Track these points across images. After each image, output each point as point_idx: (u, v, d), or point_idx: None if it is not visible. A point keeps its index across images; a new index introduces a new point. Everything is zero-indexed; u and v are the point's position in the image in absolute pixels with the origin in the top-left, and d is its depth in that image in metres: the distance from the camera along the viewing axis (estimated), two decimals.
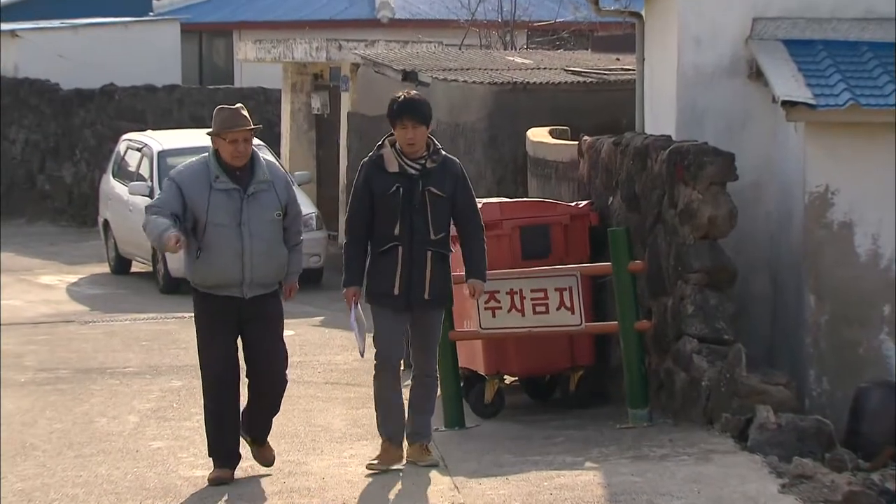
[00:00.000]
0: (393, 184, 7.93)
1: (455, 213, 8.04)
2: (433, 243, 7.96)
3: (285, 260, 7.98)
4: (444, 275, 8.05)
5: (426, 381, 8.20)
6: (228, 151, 7.86)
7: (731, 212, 9.36)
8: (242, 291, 7.86)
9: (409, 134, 7.92)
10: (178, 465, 8.56)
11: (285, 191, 8.00)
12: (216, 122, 7.97)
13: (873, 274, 9.64)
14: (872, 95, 9.55)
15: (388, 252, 7.95)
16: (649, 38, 11.96)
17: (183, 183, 7.87)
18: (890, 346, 9.63)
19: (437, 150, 8.04)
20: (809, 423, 8.41)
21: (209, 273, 7.85)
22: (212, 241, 7.81)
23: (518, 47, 23.82)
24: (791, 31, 10.35)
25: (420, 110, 7.95)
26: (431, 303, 8.02)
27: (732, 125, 10.33)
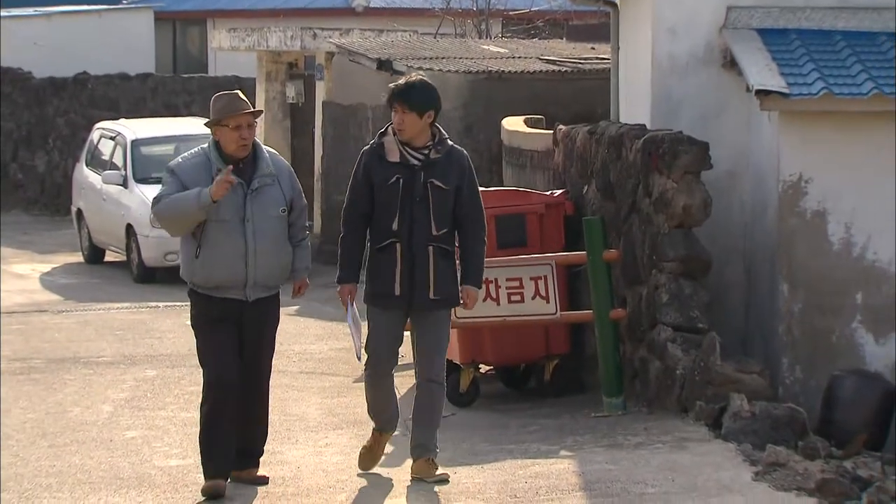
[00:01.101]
0: (393, 174, 7.41)
1: (456, 207, 7.47)
2: (435, 239, 7.41)
3: (290, 259, 7.43)
4: (450, 272, 7.49)
5: (432, 389, 7.55)
6: (232, 139, 7.28)
7: (706, 201, 9.39)
8: (245, 294, 7.32)
9: (398, 119, 7.41)
10: (152, 454, 8.54)
11: (290, 185, 7.44)
12: (215, 109, 7.37)
13: (846, 262, 9.67)
14: (846, 84, 9.58)
15: (386, 249, 7.44)
16: (624, 27, 11.97)
17: (184, 175, 7.31)
18: (863, 335, 9.67)
19: (442, 139, 7.50)
20: (783, 412, 8.45)
21: (210, 274, 7.28)
22: (213, 238, 7.24)
23: (493, 36, 23.82)
24: (765, 20, 10.37)
25: (412, 96, 7.39)
26: (438, 303, 7.45)
27: (707, 114, 10.35)
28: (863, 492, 7.29)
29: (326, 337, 12.98)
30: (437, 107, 7.48)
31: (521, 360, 10.58)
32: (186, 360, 11.76)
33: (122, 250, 17.55)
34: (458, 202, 7.46)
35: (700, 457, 7.78)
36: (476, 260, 7.52)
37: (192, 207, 7.17)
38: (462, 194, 7.46)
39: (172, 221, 7.34)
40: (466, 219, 7.49)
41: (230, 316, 7.33)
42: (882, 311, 9.65)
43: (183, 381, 10.85)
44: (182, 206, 7.20)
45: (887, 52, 10.06)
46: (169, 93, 24.87)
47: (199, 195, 7.14)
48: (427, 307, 7.45)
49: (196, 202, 7.15)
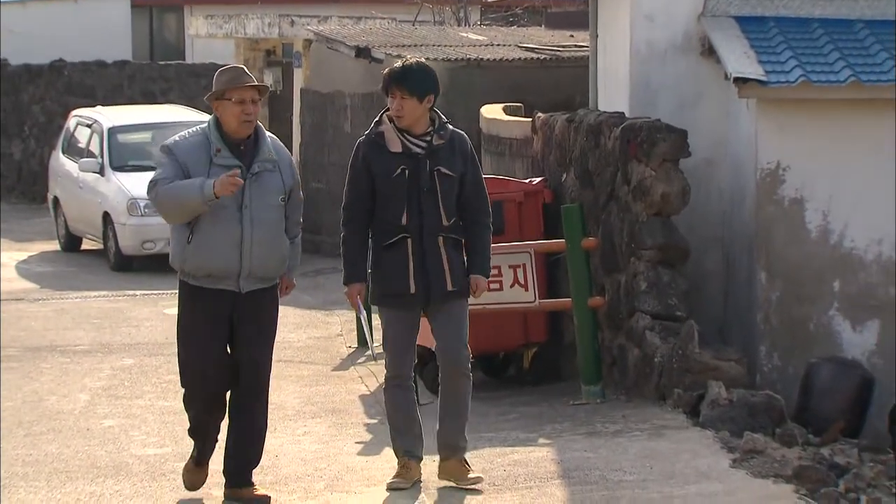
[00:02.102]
0: (397, 166, 6.90)
1: (461, 194, 7.00)
2: (445, 229, 6.96)
3: (287, 252, 6.89)
4: (461, 261, 7.05)
5: (458, 381, 7.03)
6: (235, 115, 6.72)
7: (684, 189, 9.41)
8: (239, 285, 6.76)
9: (396, 104, 6.91)
10: (129, 443, 8.53)
11: (290, 173, 6.90)
12: (219, 82, 6.80)
13: (824, 250, 9.71)
14: (823, 72, 9.61)
15: (395, 246, 6.92)
16: (603, 14, 11.98)
17: (182, 155, 6.76)
18: (840, 322, 9.71)
19: (443, 124, 7.01)
20: (760, 399, 8.48)
21: (203, 261, 6.73)
22: (207, 224, 6.70)
23: (471, 24, 23.80)
24: (743, 8, 10.39)
25: (410, 80, 6.90)
26: (454, 294, 6.98)
27: (685, 102, 10.37)
28: (839, 479, 7.33)
29: (304, 325, 12.97)
30: (436, 90, 7.01)
31: (499, 349, 10.60)
32: (164, 348, 11.74)
33: (98, 238, 17.50)
34: (462, 188, 7.01)
35: (678, 444, 7.80)
36: (483, 247, 7.09)
37: (193, 200, 6.63)
38: (466, 180, 7.02)
39: (171, 211, 6.78)
40: (471, 205, 7.06)
41: (222, 311, 6.79)
42: (859, 299, 9.70)
43: (160, 370, 10.84)
44: (183, 196, 6.66)
45: (864, 39, 10.09)
46: (146, 80, 24.79)
47: (202, 188, 6.60)
48: (444, 299, 6.98)
49: (199, 195, 6.60)
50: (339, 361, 11.51)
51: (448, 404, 7.06)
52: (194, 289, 6.82)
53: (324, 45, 18.31)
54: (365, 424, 9.03)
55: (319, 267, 15.96)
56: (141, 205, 16.37)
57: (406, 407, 7.06)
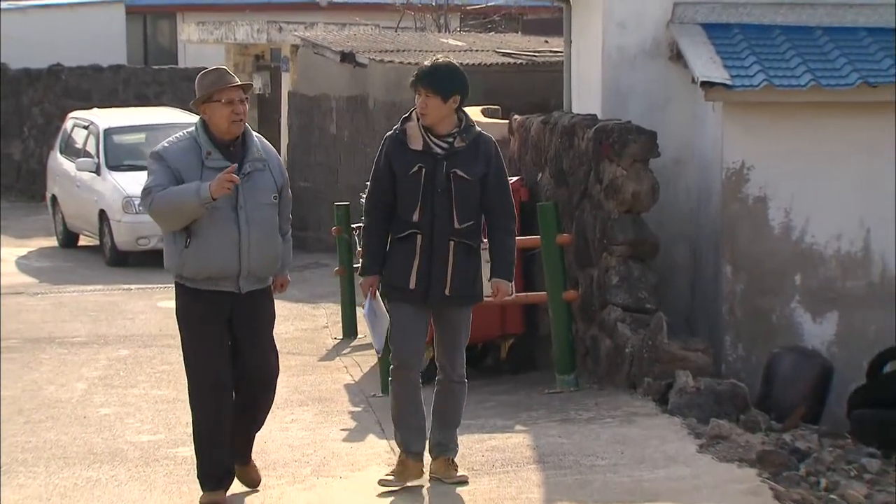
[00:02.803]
0: (415, 163, 6.64)
1: (483, 198, 6.69)
2: (457, 233, 6.65)
3: (281, 250, 6.67)
4: (471, 269, 6.74)
5: (452, 387, 6.88)
6: (225, 116, 6.44)
7: (654, 187, 9.42)
8: (238, 285, 6.51)
9: (421, 102, 6.64)
10: (124, 430, 8.50)
11: (280, 171, 6.68)
12: (204, 84, 6.52)
13: (786, 246, 9.73)
14: (785, 76, 9.63)
15: (406, 240, 6.68)
16: (576, 21, 11.98)
17: (171, 160, 6.47)
18: (801, 314, 9.73)
19: (468, 126, 6.72)
20: (726, 387, 8.49)
21: (203, 264, 6.45)
22: (204, 227, 6.42)
23: (451, 30, 23.78)
24: (709, 16, 10.41)
25: (436, 80, 6.63)
26: (453, 300, 6.72)
27: (654, 105, 10.38)
28: (801, 463, 7.34)
29: (292, 318, 12.95)
30: (463, 92, 6.69)
31: (478, 340, 10.57)
32: (157, 340, 11.72)
33: (95, 235, 17.44)
34: (484, 192, 6.68)
35: (648, 430, 7.81)
36: (505, 252, 6.76)
37: (190, 204, 6.35)
38: (488, 184, 6.68)
39: (168, 217, 6.47)
40: (493, 209, 6.72)
41: (221, 312, 6.52)
42: (819, 292, 9.72)
43: (154, 361, 10.81)
44: (179, 202, 6.36)
45: (823, 45, 10.12)
46: (140, 84, 24.73)
47: (198, 191, 6.32)
48: (443, 303, 6.73)
49: (196, 199, 6.32)
50: (324, 352, 11.50)
51: (442, 408, 6.87)
52: (193, 291, 6.53)
53: (310, 51, 18.27)
54: (349, 412, 9.02)
55: (306, 262, 15.94)
56: (135, 203, 16.32)
57: (408, 400, 6.80)
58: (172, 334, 11.96)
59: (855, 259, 9.72)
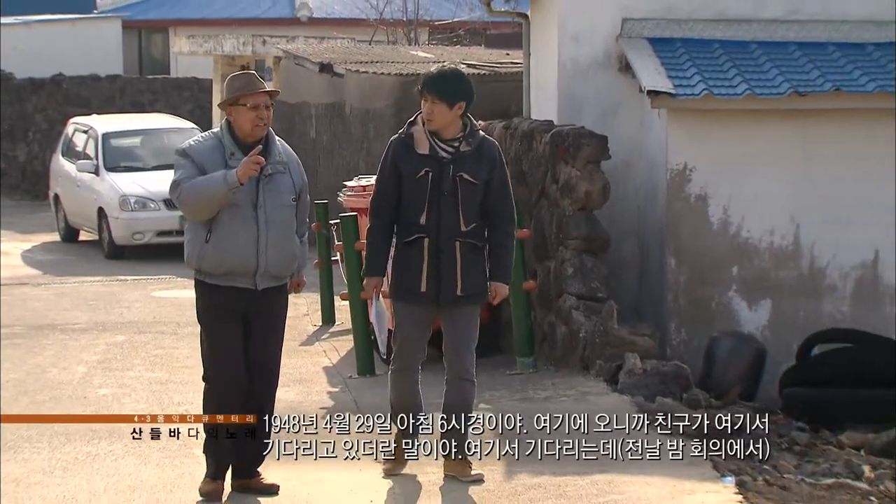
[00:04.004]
0: (421, 167, 6.27)
1: (484, 200, 6.33)
2: (463, 234, 6.30)
3: (298, 250, 6.30)
4: (478, 268, 6.38)
5: (462, 386, 6.45)
6: (249, 120, 6.12)
7: (605, 187, 9.44)
8: (255, 282, 6.17)
9: (427, 108, 6.28)
10: (121, 409, 8.46)
11: (300, 174, 6.32)
12: (231, 88, 6.20)
13: (724, 240, 9.77)
14: (723, 86, 9.67)
15: (413, 244, 6.31)
16: (535, 35, 11.99)
17: (198, 158, 6.14)
18: (738, 302, 9.78)
19: (473, 131, 6.37)
20: (670, 368, 8.52)
21: (222, 260, 6.12)
22: (225, 223, 6.10)
23: (421, 43, 23.77)
24: (655, 31, 10.44)
25: (442, 86, 6.27)
26: (464, 299, 6.35)
27: (606, 111, 10.40)
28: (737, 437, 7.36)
29: None
30: (468, 98, 6.33)
31: None
32: (151, 327, 11.66)
33: (94, 230, 17.34)
34: (486, 195, 6.32)
35: (599, 407, 7.80)
36: (504, 255, 6.39)
37: (219, 190, 6.02)
38: (491, 187, 6.33)
39: (197, 206, 6.11)
40: (494, 212, 6.36)
41: (237, 307, 6.18)
42: (754, 282, 9.77)
43: (148, 346, 10.76)
44: (208, 189, 6.04)
45: (758, 58, 10.18)
46: (135, 92, 24.60)
47: (225, 177, 6.01)
48: (454, 303, 6.35)
49: (224, 184, 6.00)
50: (305, 338, 11.46)
51: (452, 406, 6.45)
52: (211, 287, 6.20)
53: (292, 62, 18.22)
54: (328, 392, 9.00)
55: None
56: (131, 201, 16.31)
57: (408, 392, 6.47)
58: (166, 321, 11.95)
59: (786, 252, 9.77)
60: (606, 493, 6.29)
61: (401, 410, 6.47)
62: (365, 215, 10.00)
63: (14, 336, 11.32)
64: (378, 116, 15.74)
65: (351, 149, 16.36)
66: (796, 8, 10.54)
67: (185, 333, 11.19)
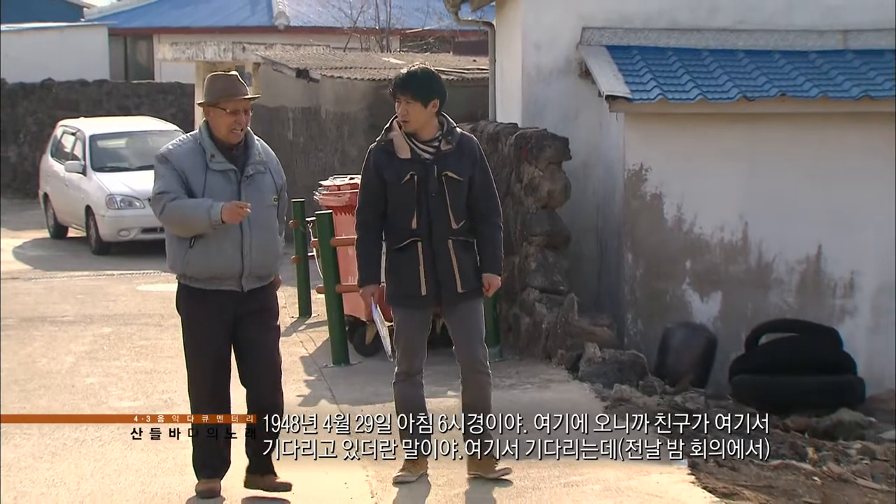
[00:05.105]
0: (406, 172, 5.94)
1: (470, 196, 6.02)
2: (454, 233, 6.00)
3: (281, 249, 6.03)
4: (472, 263, 6.07)
5: (477, 377, 6.10)
6: (226, 124, 5.82)
7: (566, 186, 9.45)
8: (241, 285, 5.84)
9: (402, 109, 5.97)
10: (108, 397, 8.40)
11: (279, 174, 6.03)
12: (212, 90, 5.90)
13: (678, 236, 9.80)
14: (677, 91, 9.70)
15: (406, 249, 5.98)
16: (500, 43, 11.98)
17: (177, 161, 5.83)
18: (691, 294, 9.82)
19: (451, 129, 6.04)
20: (627, 357, 8.54)
21: (206, 265, 5.80)
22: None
23: (392, 50, 23.72)
24: (612, 39, 10.46)
25: (414, 85, 5.96)
26: (465, 295, 6.04)
27: (567, 115, 10.41)
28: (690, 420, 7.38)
29: None
30: (441, 96, 6.00)
31: None
32: (137, 319, 11.59)
33: (81, 227, 17.22)
34: (471, 190, 6.03)
35: (561, 394, 7.83)
36: (493, 247, 6.07)
37: (201, 223, 5.73)
38: (475, 182, 6.03)
39: (176, 228, 5.84)
40: (480, 206, 6.06)
41: (224, 311, 5.84)
42: (705, 276, 9.81)
43: (134, 337, 10.69)
44: (190, 217, 5.75)
45: (709, 65, 10.21)
46: (121, 96, 24.45)
47: (209, 212, 5.70)
48: (456, 301, 6.05)
49: (206, 219, 5.71)
50: (283, 329, 11.41)
51: (470, 401, 6.10)
52: (196, 291, 5.87)
53: (270, 68, 18.13)
54: (304, 381, 8.97)
55: None
56: (117, 199, 16.22)
57: (414, 402, 6.11)
58: (150, 314, 11.87)
59: (736, 247, 9.81)
60: (567, 476, 6.29)
61: (405, 411, 6.12)
62: (340, 213, 10.01)
63: (5, 328, 11.22)
64: (352, 119, 15.70)
65: (326, 150, 16.32)
66: (745, 18, 10.59)
67: (168, 325, 11.13)
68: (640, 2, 10.50)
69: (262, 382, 5.91)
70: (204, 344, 5.85)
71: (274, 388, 5.95)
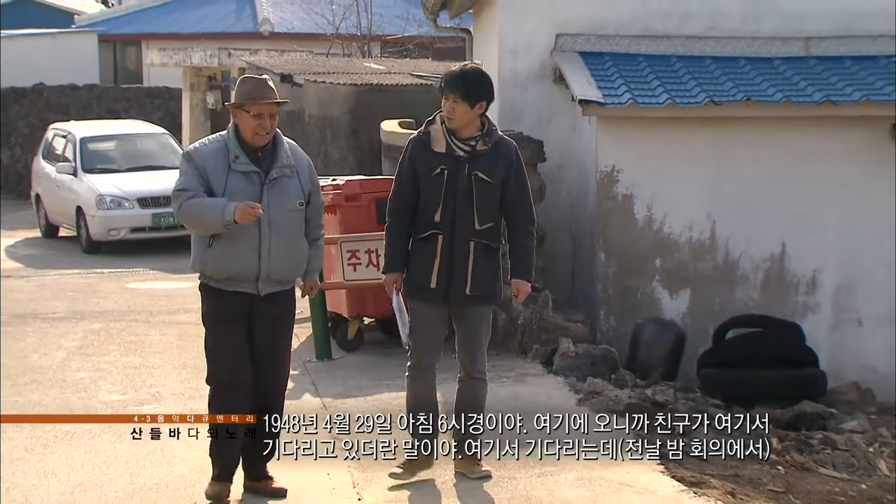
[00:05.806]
0: (437, 165, 5.81)
1: (503, 201, 5.84)
2: (477, 234, 5.81)
3: (305, 255, 5.76)
4: (491, 269, 5.87)
5: (473, 383, 6.00)
6: (251, 127, 5.65)
7: (541, 187, 9.46)
8: (257, 287, 5.65)
9: (448, 107, 5.80)
10: (97, 391, 8.36)
11: (309, 178, 5.79)
12: (239, 92, 5.74)
13: (648, 235, 9.83)
14: (647, 96, 9.72)
15: (427, 240, 5.84)
16: (477, 49, 11.99)
17: (200, 161, 5.64)
18: (660, 291, 9.84)
19: (490, 130, 5.85)
20: (600, 352, 8.56)
21: (223, 265, 5.63)
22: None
23: (373, 56, 23.70)
24: (585, 45, 10.48)
25: (464, 85, 5.76)
26: (473, 299, 5.86)
27: (542, 118, 10.42)
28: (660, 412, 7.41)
29: None
30: (489, 98, 5.82)
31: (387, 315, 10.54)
32: (126, 315, 11.53)
33: (72, 227, 17.13)
34: (504, 195, 5.83)
35: (536, 388, 7.84)
36: (524, 253, 5.89)
37: (214, 221, 5.55)
38: (509, 187, 5.83)
39: (191, 226, 5.69)
40: (514, 212, 5.87)
41: (240, 311, 5.66)
42: (675, 273, 9.84)
43: (123, 333, 10.64)
44: (204, 216, 5.57)
45: (678, 71, 10.24)
46: (111, 100, 24.33)
47: (223, 212, 5.52)
48: (463, 302, 5.87)
49: (220, 219, 5.53)
50: None
51: (463, 404, 6.01)
52: (215, 290, 5.70)
53: (254, 72, 18.08)
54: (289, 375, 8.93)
55: None
56: (107, 200, 16.15)
57: (417, 399, 5.97)
58: (139, 311, 11.82)
59: (703, 246, 9.84)
60: (542, 465, 6.30)
61: (415, 409, 5.98)
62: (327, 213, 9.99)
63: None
64: (334, 123, 15.68)
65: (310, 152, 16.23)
66: (713, 26, 10.62)
67: (156, 322, 11.08)
68: (614, 9, 10.52)
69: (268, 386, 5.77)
70: (222, 341, 5.67)
71: (278, 394, 5.82)
